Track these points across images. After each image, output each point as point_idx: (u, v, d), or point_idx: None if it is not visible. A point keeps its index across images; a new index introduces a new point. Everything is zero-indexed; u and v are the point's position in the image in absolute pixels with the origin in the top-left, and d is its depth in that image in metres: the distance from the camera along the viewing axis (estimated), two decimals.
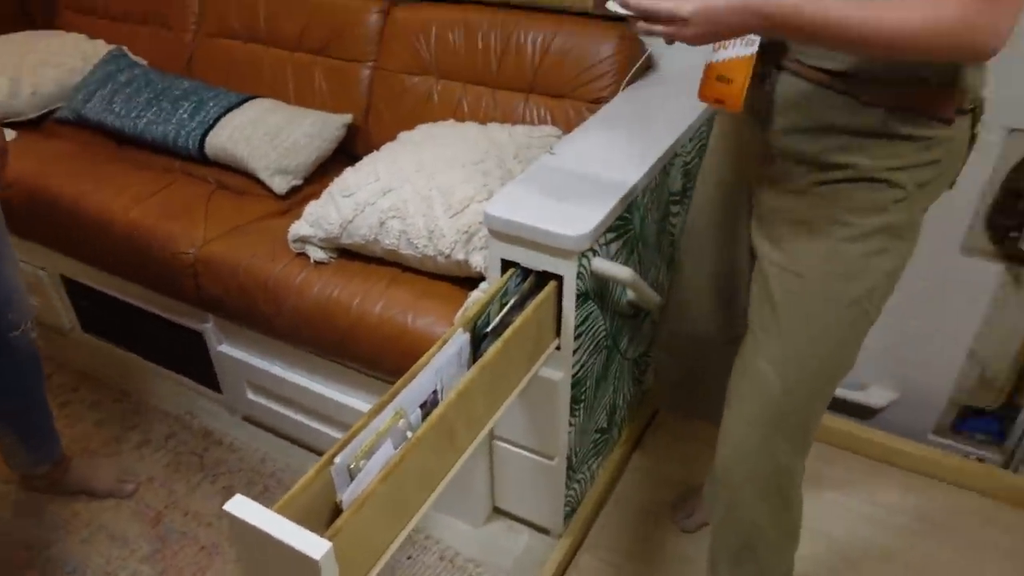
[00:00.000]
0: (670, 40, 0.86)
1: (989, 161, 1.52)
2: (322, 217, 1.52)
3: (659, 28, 0.85)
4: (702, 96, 1.01)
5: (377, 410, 0.98)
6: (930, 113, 0.89)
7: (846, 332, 1.02)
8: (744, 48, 0.95)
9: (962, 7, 0.73)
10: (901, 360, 1.79)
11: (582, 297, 1.26)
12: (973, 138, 0.95)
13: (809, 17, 0.79)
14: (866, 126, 0.91)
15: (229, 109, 1.98)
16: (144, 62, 2.30)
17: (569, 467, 1.47)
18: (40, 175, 1.93)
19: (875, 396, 1.86)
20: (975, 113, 0.93)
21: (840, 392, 1.84)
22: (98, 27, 2.41)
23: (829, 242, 0.97)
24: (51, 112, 2.24)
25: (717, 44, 0.99)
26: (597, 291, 1.32)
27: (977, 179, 1.55)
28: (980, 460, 1.78)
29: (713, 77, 0.99)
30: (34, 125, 2.22)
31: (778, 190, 1.02)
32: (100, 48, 2.32)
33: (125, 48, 2.32)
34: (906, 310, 1.72)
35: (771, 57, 0.95)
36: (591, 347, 1.38)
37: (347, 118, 1.96)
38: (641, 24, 0.86)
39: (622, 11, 0.88)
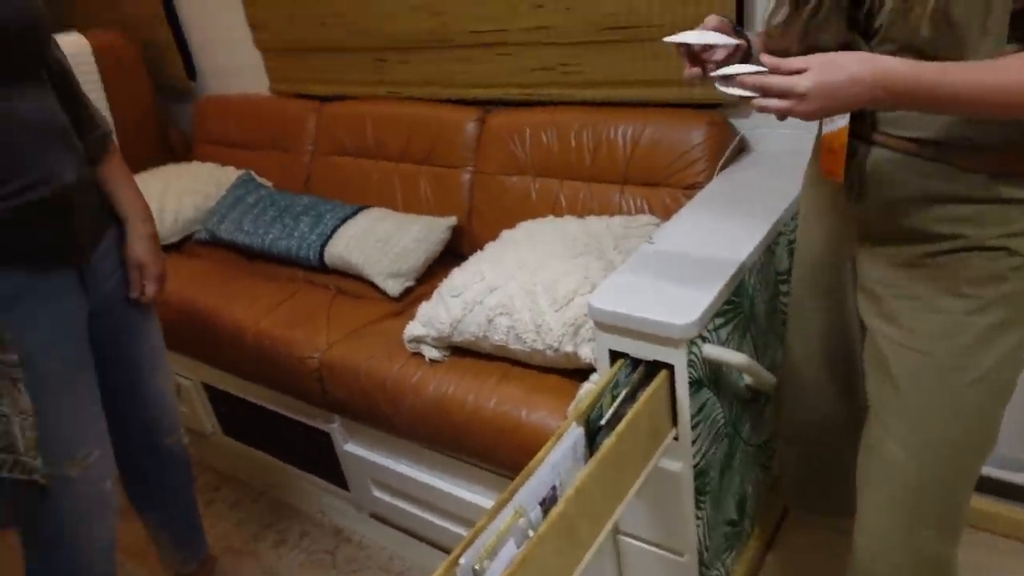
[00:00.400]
0: (783, 116, 0.85)
1: None
2: (433, 317, 1.59)
3: (774, 103, 0.84)
4: (821, 168, 1.03)
5: (498, 509, 0.99)
6: None
7: (978, 410, 0.96)
8: (842, 120, 0.97)
9: None
10: None
11: (696, 385, 1.24)
12: None
13: (944, 87, 0.78)
14: (971, 193, 0.89)
15: (344, 220, 2.14)
16: (269, 183, 2.53)
17: (701, 562, 1.42)
18: (182, 292, 2.13)
19: None
20: None
21: (1007, 476, 1.68)
22: (228, 155, 2.69)
23: (949, 316, 0.93)
24: (191, 235, 2.49)
25: (828, 120, 1.01)
26: (711, 378, 1.30)
27: None
28: None
29: (826, 148, 1.01)
30: (176, 247, 2.47)
31: (885, 264, 0.99)
32: (231, 174, 2.58)
33: (252, 172, 2.56)
34: None
35: (856, 130, 0.95)
36: (711, 436, 1.35)
37: (452, 221, 2.07)
38: (758, 101, 0.85)
39: (737, 91, 0.88)
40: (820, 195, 1.11)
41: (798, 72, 0.81)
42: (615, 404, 1.19)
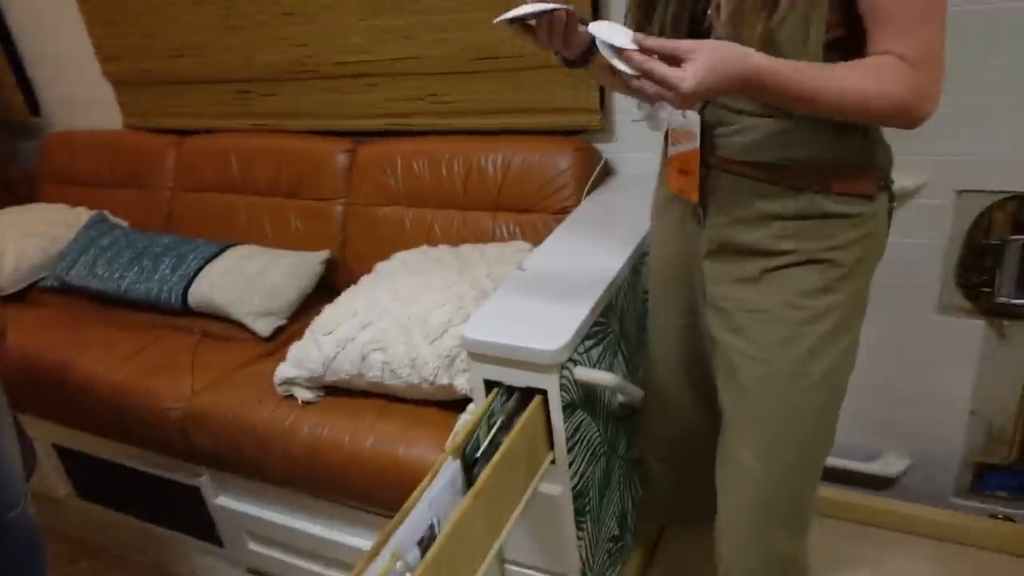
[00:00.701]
0: (653, 101, 0.84)
1: (946, 222, 1.57)
2: (305, 357, 1.53)
3: (652, 89, 0.81)
4: (669, 187, 1.09)
5: (374, 553, 0.95)
6: (854, 191, 0.95)
7: (818, 411, 1.03)
8: (691, 143, 1.02)
9: (919, 84, 0.83)
10: (907, 425, 1.77)
11: (569, 408, 1.25)
12: (890, 212, 1.01)
13: (797, 86, 0.82)
14: (799, 210, 0.96)
15: (209, 259, 2.03)
16: (125, 223, 2.37)
17: None
18: (27, 346, 1.94)
19: (888, 465, 1.82)
20: (889, 189, 1.00)
21: (853, 465, 1.81)
22: (79, 195, 2.50)
23: (787, 327, 0.99)
24: (36, 282, 2.28)
25: (673, 139, 1.05)
26: (585, 399, 1.31)
27: (938, 240, 1.59)
28: (1008, 519, 1.73)
29: (676, 169, 1.06)
30: (19, 298, 2.26)
31: (730, 281, 1.05)
32: (82, 215, 2.40)
33: (106, 212, 2.39)
34: (901, 375, 1.72)
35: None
36: (587, 456, 1.36)
37: (324, 255, 2.01)
38: (636, 82, 0.82)
39: (619, 65, 0.83)
40: (667, 218, 1.16)
41: (682, 59, 0.79)
42: (491, 434, 1.18)
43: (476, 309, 1.33)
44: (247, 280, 1.92)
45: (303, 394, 1.57)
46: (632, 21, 1.02)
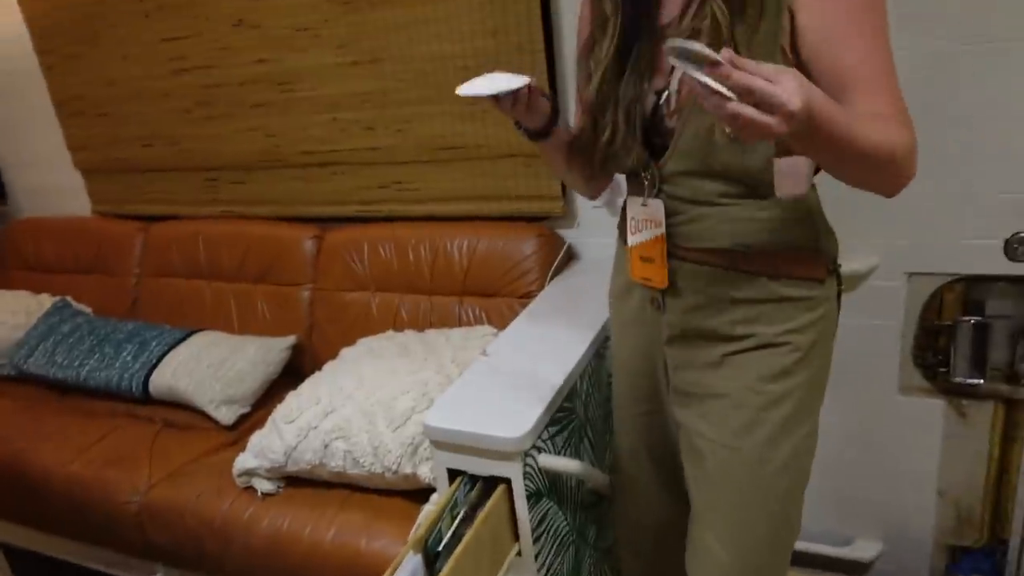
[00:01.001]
0: (749, 133, 0.69)
1: (899, 304, 1.61)
2: (266, 447, 1.50)
3: (752, 114, 0.66)
4: (634, 275, 1.09)
5: None
6: (804, 275, 0.98)
7: (783, 496, 1.02)
8: (656, 230, 1.04)
9: (911, 138, 0.84)
10: (879, 508, 1.76)
11: (534, 496, 1.23)
12: (839, 295, 1.04)
13: (840, 126, 0.74)
14: (755, 295, 0.98)
15: (173, 346, 2.00)
16: (88, 310, 2.34)
17: None
18: None
19: (862, 550, 1.80)
20: (838, 273, 1.03)
21: (827, 550, 1.78)
22: (43, 281, 2.48)
23: (750, 412, 1.00)
24: None
25: (633, 228, 1.08)
26: (550, 487, 1.30)
27: (894, 322, 1.62)
28: None
29: (638, 258, 1.08)
30: None
31: (693, 367, 1.06)
32: (44, 302, 2.37)
33: (69, 298, 2.37)
34: (869, 457, 1.72)
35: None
36: (555, 546, 1.33)
37: (290, 340, 2.00)
38: (733, 105, 0.67)
39: (714, 84, 0.67)
40: (627, 307, 1.17)
41: (771, 80, 0.67)
42: (454, 525, 1.15)
43: (440, 396, 1.33)
44: (210, 367, 1.89)
45: (263, 485, 1.53)
46: (580, 119, 1.06)
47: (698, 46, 0.66)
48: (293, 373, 1.98)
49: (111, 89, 2.27)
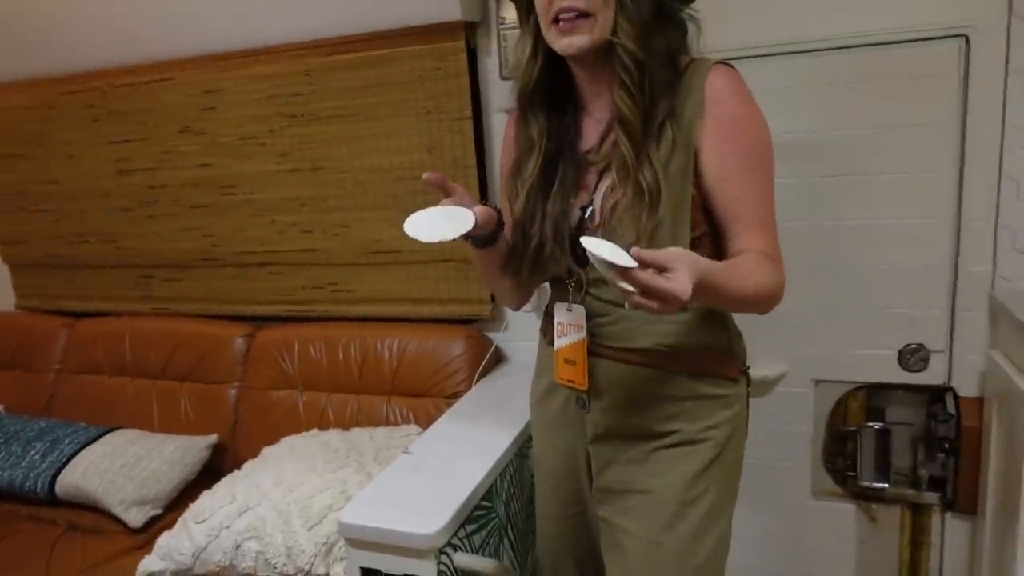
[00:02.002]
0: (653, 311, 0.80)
1: (809, 411, 1.69)
2: (174, 548, 1.44)
3: (652, 305, 0.79)
4: (558, 378, 1.13)
5: None
6: (719, 373, 1.06)
7: None
8: (578, 334, 1.09)
9: (781, 275, 0.98)
10: None
11: None
12: (748, 395, 1.11)
13: (724, 287, 0.87)
14: (676, 392, 1.04)
15: (86, 444, 1.93)
16: (0, 407, 2.25)
17: None
18: None
19: None
20: (747, 374, 1.10)
21: None
22: None
23: (671, 507, 1.03)
24: None
25: (559, 332, 1.12)
26: None
27: (804, 427, 1.70)
28: None
29: (563, 360, 1.12)
30: None
31: (617, 463, 1.09)
32: None
33: None
34: (786, 563, 1.75)
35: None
36: None
37: (212, 439, 1.95)
38: (636, 299, 0.79)
39: (623, 285, 0.80)
40: (549, 409, 1.20)
41: (668, 269, 0.79)
42: None
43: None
44: (124, 467, 1.83)
45: None
46: (512, 230, 1.11)
47: (608, 252, 0.79)
48: (213, 473, 1.91)
49: (53, 187, 2.29)
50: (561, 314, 1.11)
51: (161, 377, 2.14)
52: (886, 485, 1.65)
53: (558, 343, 1.12)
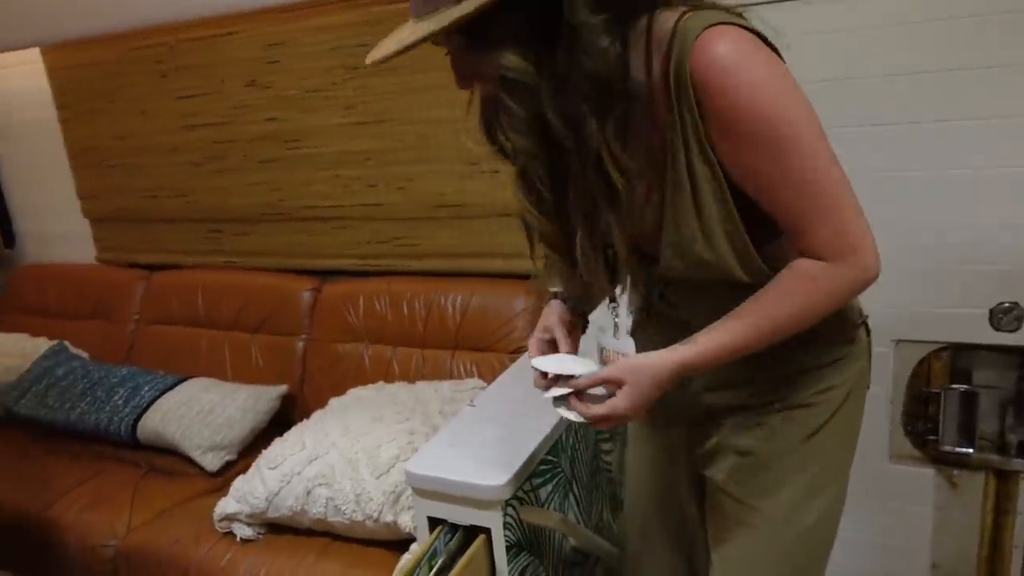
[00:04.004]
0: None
1: (888, 371, 1.62)
2: (248, 492, 1.49)
3: (602, 423, 0.89)
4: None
5: None
6: (834, 339, 0.95)
7: (808, 559, 1.00)
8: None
9: (847, 269, 0.82)
10: None
11: (515, 548, 1.21)
12: (869, 345, 1.01)
13: (728, 350, 0.84)
14: (785, 369, 0.94)
15: (164, 391, 2.01)
16: (85, 355, 2.35)
17: None
18: None
19: None
20: (866, 324, 1.00)
21: None
22: (42, 325, 2.50)
23: (777, 474, 0.97)
24: None
25: (606, 358, 1.03)
26: (532, 540, 1.28)
27: (883, 389, 1.63)
28: None
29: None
30: None
31: (721, 434, 1.02)
32: (41, 345, 2.38)
33: (66, 343, 2.38)
34: (862, 528, 1.70)
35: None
36: None
37: (282, 389, 2.00)
38: (585, 415, 0.90)
39: (569, 415, 0.92)
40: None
41: (614, 383, 0.86)
42: (432, 574, 1.14)
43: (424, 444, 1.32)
44: (200, 413, 1.89)
45: (243, 531, 1.51)
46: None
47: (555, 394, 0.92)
48: (282, 423, 1.97)
49: (124, 142, 2.36)
50: (609, 341, 1.00)
51: (233, 328, 2.20)
52: (971, 450, 1.58)
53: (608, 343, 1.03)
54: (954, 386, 1.58)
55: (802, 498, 0.97)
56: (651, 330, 1.04)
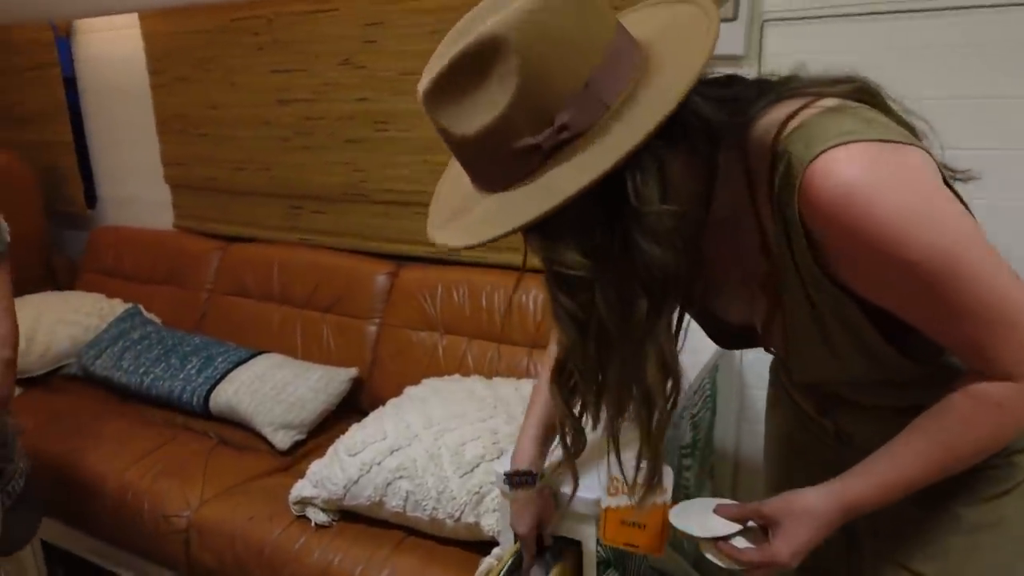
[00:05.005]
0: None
1: None
2: (326, 477, 1.48)
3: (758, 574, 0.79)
4: (609, 539, 0.99)
5: None
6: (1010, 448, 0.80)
7: None
8: (666, 495, 0.92)
9: (1010, 393, 0.70)
10: None
11: (603, 565, 1.18)
12: None
13: (896, 491, 0.74)
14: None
15: (238, 364, 2.02)
16: (158, 320, 2.38)
17: None
18: (36, 431, 1.90)
19: None
20: None
21: None
22: (118, 287, 2.54)
23: (938, 535, 0.84)
24: (60, 368, 2.27)
25: (613, 488, 0.98)
26: (619, 558, 1.24)
27: None
28: None
29: (617, 521, 0.98)
30: (41, 382, 2.23)
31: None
32: (117, 307, 2.42)
33: (141, 307, 2.41)
34: None
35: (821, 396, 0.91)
36: None
37: (352, 372, 1.99)
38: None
39: (718, 561, 0.81)
40: (780, 423, 1.05)
41: (767, 522, 0.77)
42: None
43: (511, 446, 1.29)
44: (273, 390, 1.90)
45: (317, 516, 1.50)
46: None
47: (695, 527, 0.81)
48: (348, 406, 1.97)
49: (213, 112, 2.37)
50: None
51: (305, 306, 2.20)
52: None
53: (612, 501, 0.97)
54: None
55: (964, 565, 0.84)
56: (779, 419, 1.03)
